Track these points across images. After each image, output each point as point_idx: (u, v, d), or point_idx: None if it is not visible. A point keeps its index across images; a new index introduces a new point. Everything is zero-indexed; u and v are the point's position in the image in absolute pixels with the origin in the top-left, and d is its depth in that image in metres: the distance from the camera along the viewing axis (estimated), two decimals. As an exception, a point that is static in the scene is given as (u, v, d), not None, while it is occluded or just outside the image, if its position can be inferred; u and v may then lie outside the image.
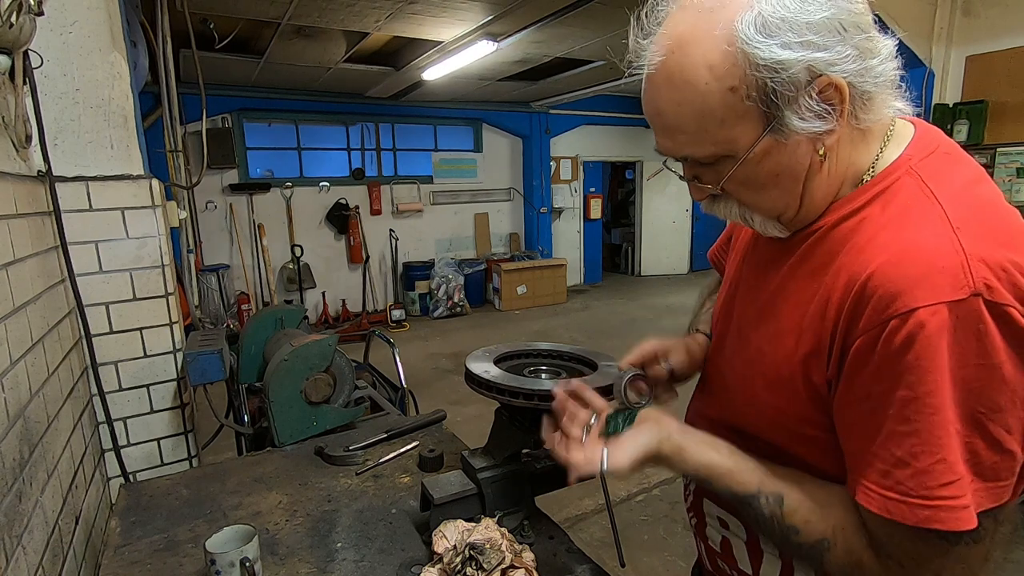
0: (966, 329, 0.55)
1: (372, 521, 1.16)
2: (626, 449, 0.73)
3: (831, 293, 0.64)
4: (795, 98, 0.60)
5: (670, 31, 0.63)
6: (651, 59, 0.64)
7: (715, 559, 0.88)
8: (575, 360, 1.17)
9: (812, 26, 0.58)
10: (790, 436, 0.72)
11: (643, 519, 2.91)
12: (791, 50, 0.58)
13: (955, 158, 0.67)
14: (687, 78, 0.61)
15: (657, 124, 0.67)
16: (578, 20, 4.33)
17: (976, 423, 0.56)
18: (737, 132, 0.62)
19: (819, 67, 0.59)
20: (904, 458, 0.57)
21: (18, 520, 1.01)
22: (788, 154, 0.64)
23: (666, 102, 0.64)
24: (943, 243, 0.58)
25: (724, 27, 0.59)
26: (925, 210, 0.62)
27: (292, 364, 1.52)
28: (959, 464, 0.56)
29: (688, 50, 0.61)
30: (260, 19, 4.22)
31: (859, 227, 0.65)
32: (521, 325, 7.14)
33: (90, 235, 1.60)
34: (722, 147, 0.64)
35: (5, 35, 1.16)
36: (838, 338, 0.63)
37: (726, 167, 0.66)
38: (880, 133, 0.68)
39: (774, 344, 0.71)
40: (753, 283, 0.80)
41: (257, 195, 6.80)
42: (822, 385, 0.66)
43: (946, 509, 0.56)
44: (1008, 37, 4.20)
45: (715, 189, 0.69)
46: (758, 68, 0.58)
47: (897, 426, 0.58)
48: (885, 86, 0.64)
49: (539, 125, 8.48)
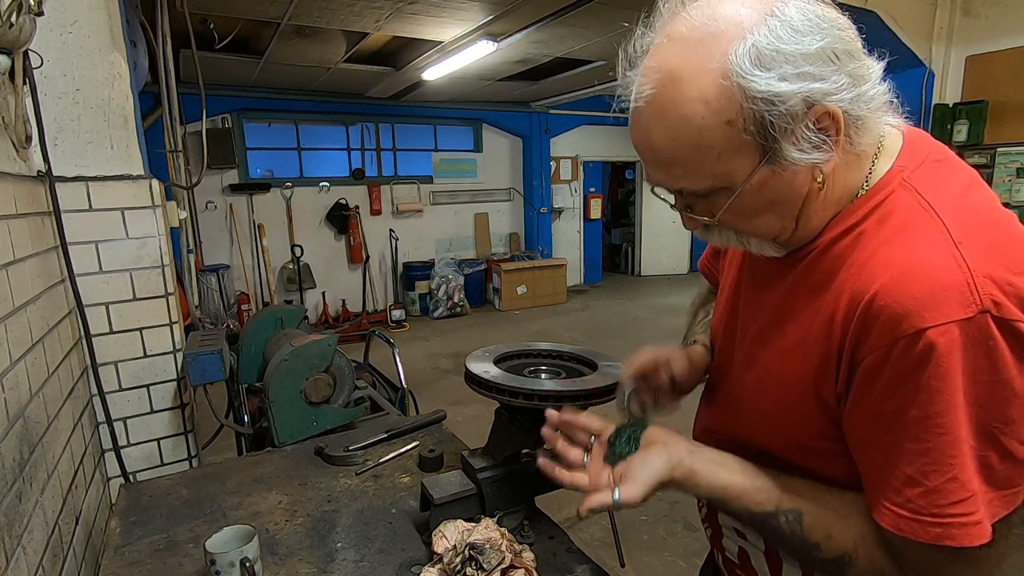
0: (976, 346, 0.55)
1: (372, 521, 1.16)
2: (638, 480, 0.71)
3: (835, 311, 0.64)
4: (792, 129, 0.59)
5: (659, 64, 0.61)
6: (640, 91, 0.62)
7: (733, 569, 0.87)
8: (575, 360, 1.17)
9: (807, 57, 0.57)
10: (805, 451, 0.71)
11: (643, 519, 2.91)
12: (788, 82, 0.57)
13: (946, 164, 0.67)
14: (682, 113, 0.60)
15: (649, 158, 0.66)
16: (578, 20, 4.32)
17: (990, 437, 0.56)
18: (734, 165, 0.61)
19: (815, 97, 0.58)
20: (915, 477, 0.58)
21: (18, 520, 1.01)
22: (786, 183, 0.63)
23: (659, 137, 0.62)
24: (946, 260, 0.57)
25: (718, 60, 0.58)
26: (925, 225, 0.61)
27: (292, 364, 1.52)
28: (972, 481, 0.56)
29: (681, 85, 0.59)
30: (260, 19, 4.21)
31: (857, 243, 0.65)
32: (521, 325, 7.13)
33: (90, 235, 1.60)
34: (719, 180, 0.63)
35: (5, 35, 1.16)
36: (845, 355, 0.62)
37: (722, 198, 0.65)
38: (872, 150, 0.68)
39: (781, 363, 0.71)
40: (753, 300, 0.79)
41: (257, 195, 6.79)
42: (832, 401, 0.65)
43: (957, 526, 0.56)
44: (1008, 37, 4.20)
45: (711, 221, 0.68)
46: (755, 101, 0.58)
47: (908, 444, 0.58)
48: (877, 109, 0.63)
49: (539, 125, 8.48)
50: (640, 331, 6.51)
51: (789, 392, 0.70)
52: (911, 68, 4.45)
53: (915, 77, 4.48)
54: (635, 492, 0.70)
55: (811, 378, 0.66)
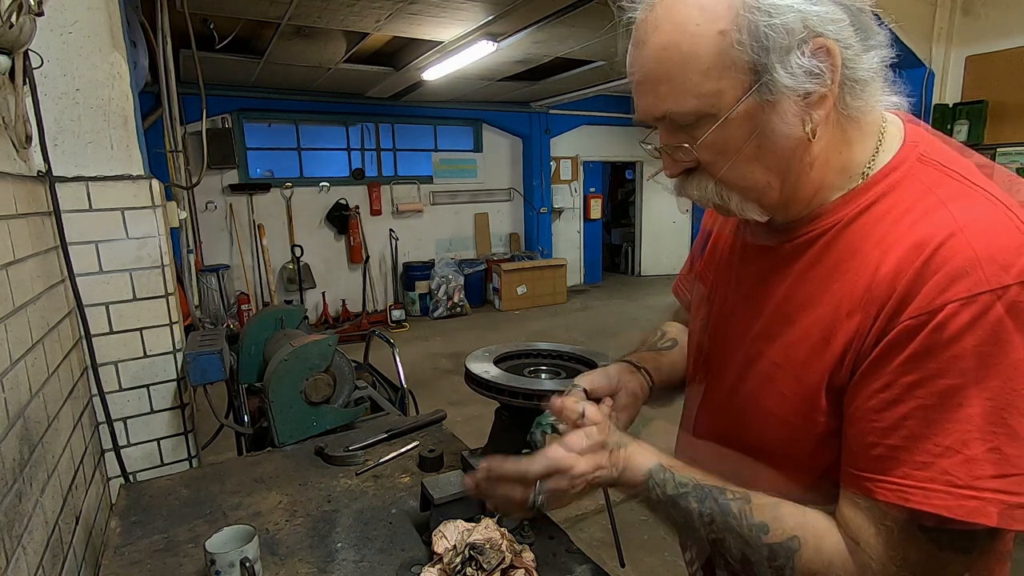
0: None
1: (372, 521, 1.16)
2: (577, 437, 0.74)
3: (874, 276, 0.60)
4: (787, 49, 0.58)
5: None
6: (644, 4, 0.63)
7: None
8: (575, 360, 1.17)
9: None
10: (800, 445, 0.69)
11: (643, 519, 2.91)
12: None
13: (949, 143, 0.67)
14: (676, 19, 0.60)
15: (638, 78, 0.65)
16: (578, 20, 4.32)
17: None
18: (723, 85, 0.60)
19: (813, 22, 0.58)
20: (953, 446, 0.54)
21: (18, 520, 1.01)
22: (774, 122, 0.61)
23: (651, 48, 0.62)
24: (1005, 222, 0.56)
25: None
26: (969, 193, 0.60)
27: (292, 364, 1.52)
28: (1021, 459, 0.53)
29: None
30: (260, 19, 4.22)
31: (887, 215, 0.63)
32: (521, 325, 7.13)
33: (90, 235, 1.60)
34: (705, 101, 0.61)
35: (5, 35, 1.16)
36: (882, 319, 0.59)
37: (706, 127, 0.62)
38: (874, 127, 0.67)
39: (791, 354, 0.68)
40: (751, 297, 0.76)
41: (257, 195, 6.80)
42: (844, 388, 0.63)
43: (995, 503, 0.53)
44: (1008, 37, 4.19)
45: (691, 152, 0.65)
46: (753, 10, 0.57)
47: (946, 415, 0.54)
48: (877, 76, 0.63)
49: (539, 125, 8.48)
50: (640, 331, 6.49)
51: (799, 384, 0.67)
52: (911, 68, 4.44)
53: (915, 77, 4.48)
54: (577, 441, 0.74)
55: (827, 366, 0.64)
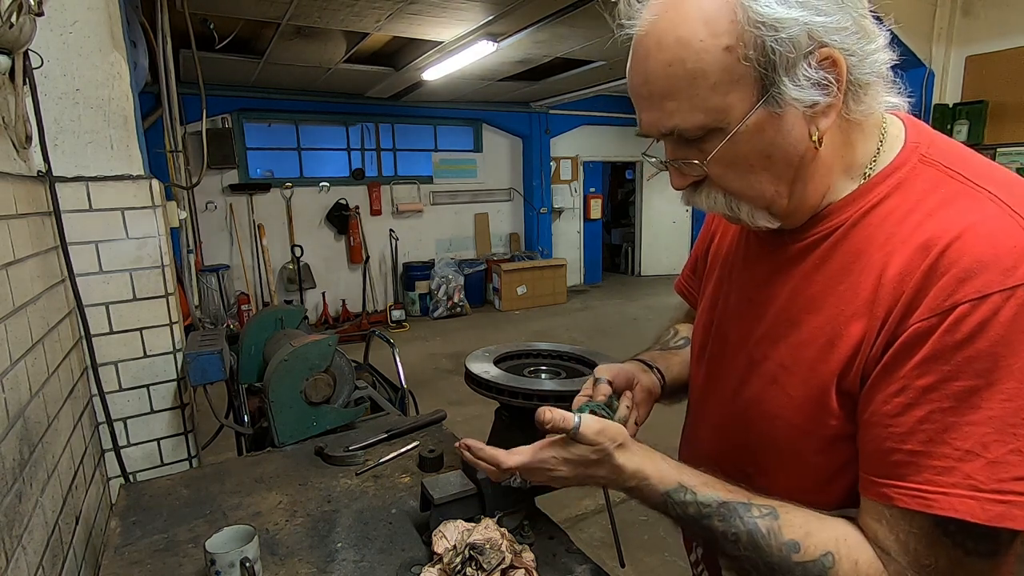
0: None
1: (372, 521, 1.16)
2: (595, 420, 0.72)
3: (880, 277, 0.61)
4: (794, 62, 0.57)
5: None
6: (644, 18, 0.62)
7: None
8: (575, 360, 1.17)
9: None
10: (817, 453, 0.68)
11: (643, 519, 2.91)
12: (790, 8, 0.56)
13: (954, 142, 0.67)
14: (680, 35, 0.58)
15: (643, 93, 0.63)
16: (578, 20, 4.32)
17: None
18: (731, 99, 0.59)
19: (818, 33, 0.57)
20: (974, 449, 0.53)
21: (18, 520, 1.01)
22: (782, 133, 0.61)
23: (655, 64, 0.61)
24: (1009, 224, 0.56)
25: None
26: (971, 195, 0.60)
27: (292, 364, 1.52)
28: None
29: (682, 7, 0.59)
30: (260, 19, 4.22)
31: (890, 216, 0.63)
32: (521, 325, 7.13)
33: (90, 235, 1.60)
34: (713, 116, 0.60)
35: (5, 35, 1.16)
36: (890, 323, 0.59)
37: (714, 142, 0.62)
38: (875, 128, 0.67)
39: (798, 355, 0.67)
40: (755, 299, 0.76)
41: (257, 195, 6.80)
42: (855, 391, 0.62)
43: (1021, 506, 0.52)
44: (1008, 37, 4.20)
45: (701, 167, 0.64)
46: (757, 25, 0.56)
47: (963, 417, 0.54)
48: (879, 77, 0.63)
49: (539, 125, 8.48)
50: (640, 331, 6.50)
51: (807, 386, 0.66)
52: (911, 68, 4.44)
53: (915, 77, 4.48)
54: (591, 422, 0.71)
55: (835, 368, 0.63)
